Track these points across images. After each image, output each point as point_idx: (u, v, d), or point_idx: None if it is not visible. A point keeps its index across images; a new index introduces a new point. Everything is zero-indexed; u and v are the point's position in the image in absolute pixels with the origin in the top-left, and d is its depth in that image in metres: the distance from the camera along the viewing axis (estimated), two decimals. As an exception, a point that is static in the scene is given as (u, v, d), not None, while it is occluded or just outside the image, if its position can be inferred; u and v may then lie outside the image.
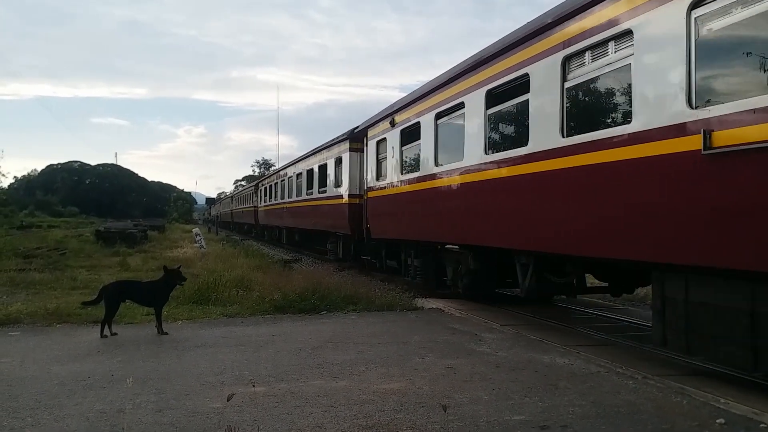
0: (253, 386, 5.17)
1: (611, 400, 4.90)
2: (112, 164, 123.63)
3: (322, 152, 20.85)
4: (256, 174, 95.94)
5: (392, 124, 13.16)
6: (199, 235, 26.06)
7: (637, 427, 4.28)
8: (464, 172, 9.64)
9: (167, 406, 4.65)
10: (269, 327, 8.23)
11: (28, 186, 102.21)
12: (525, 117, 7.98)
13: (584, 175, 6.68)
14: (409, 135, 12.39)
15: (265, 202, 35.56)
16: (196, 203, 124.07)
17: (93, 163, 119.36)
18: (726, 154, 4.86)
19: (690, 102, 5.29)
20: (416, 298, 10.90)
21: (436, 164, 10.82)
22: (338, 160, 18.48)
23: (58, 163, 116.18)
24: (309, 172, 22.73)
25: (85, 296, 9.45)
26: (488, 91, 8.89)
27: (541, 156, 7.46)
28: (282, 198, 28.66)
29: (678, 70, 5.40)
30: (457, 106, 10.01)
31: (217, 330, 7.93)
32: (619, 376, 5.66)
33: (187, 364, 6.02)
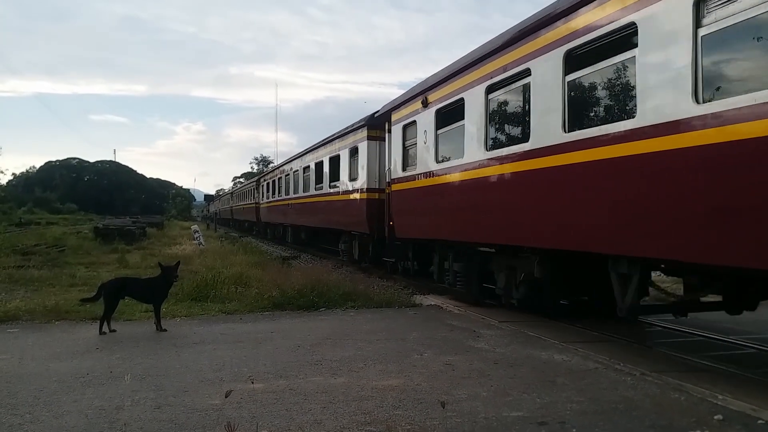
0: (251, 383, 5.17)
1: (609, 396, 4.91)
2: (111, 161, 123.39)
3: (333, 142, 18.92)
4: (255, 171, 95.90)
5: (425, 104, 11.11)
6: (197, 232, 26.09)
7: (635, 423, 4.29)
8: (533, 156, 7.66)
9: (166, 402, 4.66)
10: (268, 324, 8.24)
11: (27, 183, 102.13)
12: (630, 80, 6.33)
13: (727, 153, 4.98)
14: (447, 115, 10.42)
15: (267, 198, 33.80)
16: (195, 200, 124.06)
17: (91, 159, 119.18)
18: None
19: None
20: (414, 295, 10.93)
21: (487, 148, 8.83)
22: (353, 151, 16.64)
23: (57, 160, 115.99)
24: (318, 165, 20.90)
25: (83, 293, 9.47)
26: (569, 53, 7.02)
27: (664, 130, 5.64)
28: (287, 194, 27.06)
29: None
30: (519, 75, 8.09)
31: (215, 327, 7.93)
32: (617, 372, 5.67)
33: (185, 361, 6.02)
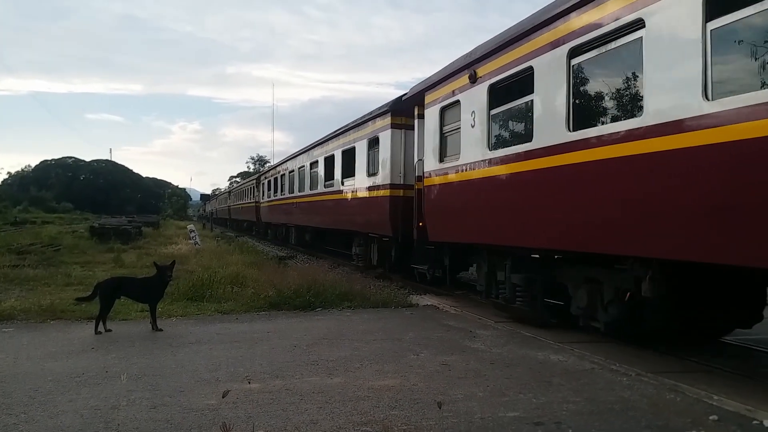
0: (248, 383, 5.16)
1: (605, 396, 4.92)
2: (107, 160, 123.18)
3: (348, 133, 16.93)
4: (251, 170, 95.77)
5: (473, 79, 9.16)
6: (193, 231, 26.00)
7: (631, 423, 4.30)
8: (645, 135, 5.74)
9: (162, 402, 4.65)
10: (264, 324, 8.22)
11: (22, 182, 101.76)
12: None
13: None
14: (505, 91, 8.53)
15: (268, 196, 31.87)
16: (191, 199, 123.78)
17: (87, 159, 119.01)
18: None
19: None
20: (411, 295, 10.92)
21: (572, 128, 6.87)
22: (373, 142, 14.60)
23: (52, 159, 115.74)
24: (328, 160, 18.95)
25: (79, 292, 9.43)
26: None
27: None
28: (290, 191, 25.13)
29: None
30: (624, 29, 6.07)
31: (211, 327, 7.92)
32: (613, 372, 5.69)
33: (181, 361, 6.01)
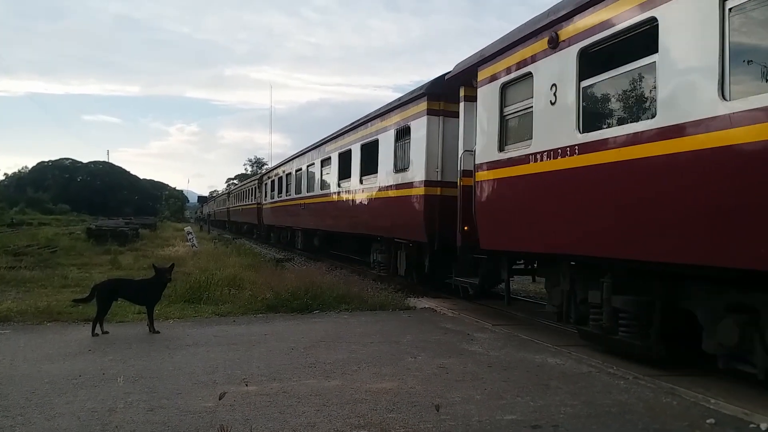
0: (245, 385, 5.16)
1: (602, 399, 4.93)
2: (104, 162, 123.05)
3: (368, 125, 14.93)
4: (249, 173, 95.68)
5: (553, 43, 7.27)
6: (191, 233, 25.94)
7: (628, 426, 4.31)
8: None
9: (159, 405, 4.64)
10: (261, 326, 8.22)
11: (19, 183, 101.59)
12: None
13: None
14: (606, 55, 6.58)
15: (272, 197, 29.94)
16: (188, 201, 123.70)
17: (84, 160, 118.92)
18: None
19: None
20: (408, 298, 10.92)
21: (723, 95, 5.01)
22: (402, 132, 12.62)
23: (50, 160, 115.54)
24: (343, 156, 17.01)
25: (76, 294, 9.42)
26: None
27: None
28: (297, 192, 23.27)
29: None
30: None
31: (209, 329, 7.91)
32: (611, 376, 5.70)
33: (178, 363, 6.00)
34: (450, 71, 10.35)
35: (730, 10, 5.06)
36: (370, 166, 14.63)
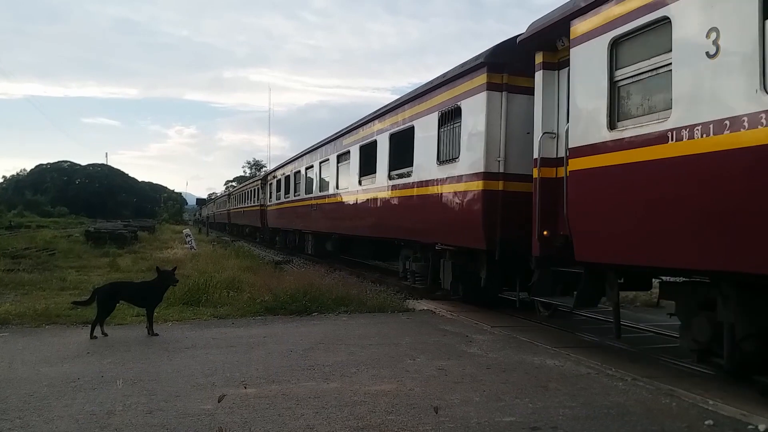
0: (244, 388, 5.16)
1: (601, 401, 4.93)
2: (103, 164, 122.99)
3: (399, 111, 12.77)
4: (247, 175, 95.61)
5: None
6: (189, 235, 25.89)
7: (627, 428, 4.31)
8: None
9: (158, 407, 4.64)
10: (260, 328, 8.21)
11: (17, 186, 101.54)
12: None
13: None
14: None
15: (277, 198, 27.89)
16: (187, 204, 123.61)
17: (83, 163, 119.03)
18: None
19: None
20: (407, 300, 10.92)
21: None
22: (448, 115, 10.36)
23: (48, 163, 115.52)
24: (366, 149, 14.88)
25: (74, 297, 9.39)
26: None
27: None
28: (308, 191, 21.28)
29: None
30: None
31: (207, 331, 7.90)
32: (609, 377, 5.70)
33: (177, 366, 5.99)
34: (522, 33, 8.22)
35: None
36: (401, 159, 12.50)
